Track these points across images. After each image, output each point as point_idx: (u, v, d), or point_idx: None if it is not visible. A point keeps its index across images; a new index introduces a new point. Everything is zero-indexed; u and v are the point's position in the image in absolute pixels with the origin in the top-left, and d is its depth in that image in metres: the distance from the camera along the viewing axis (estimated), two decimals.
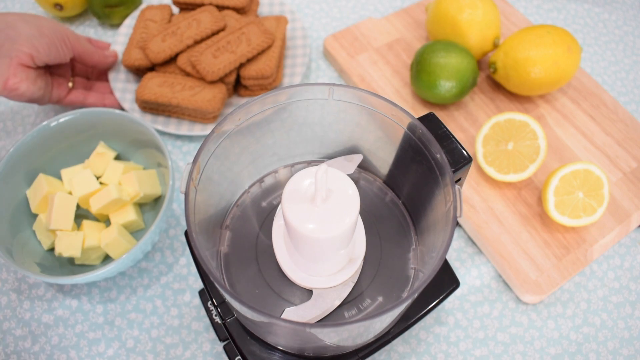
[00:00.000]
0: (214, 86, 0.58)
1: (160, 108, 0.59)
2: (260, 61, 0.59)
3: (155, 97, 0.57)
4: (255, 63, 0.59)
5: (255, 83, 0.59)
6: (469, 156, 0.37)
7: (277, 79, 0.61)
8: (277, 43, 0.60)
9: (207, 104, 0.57)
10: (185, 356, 0.47)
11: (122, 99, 0.60)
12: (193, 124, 0.59)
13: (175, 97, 0.57)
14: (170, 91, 0.58)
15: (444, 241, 0.32)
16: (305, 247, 0.34)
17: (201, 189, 0.35)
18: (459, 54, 0.56)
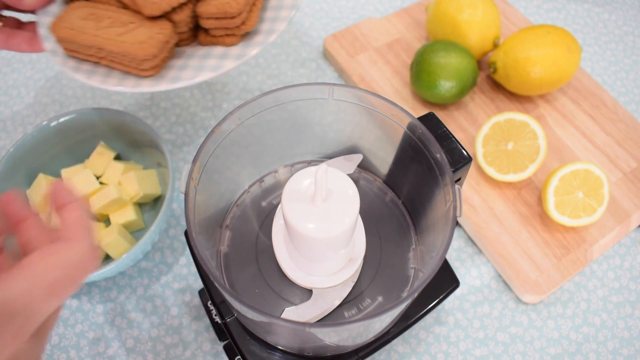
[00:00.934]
0: (154, 24, 0.43)
1: (83, 51, 0.43)
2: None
3: (71, 35, 0.42)
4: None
5: (217, 25, 0.43)
6: (468, 156, 0.37)
7: (250, 20, 0.44)
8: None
9: (138, 47, 0.41)
10: (185, 356, 0.47)
11: (46, 38, 0.45)
12: (125, 76, 0.43)
13: (98, 36, 0.42)
14: (94, 27, 0.42)
15: (443, 241, 0.32)
16: (305, 247, 0.34)
17: (201, 189, 0.35)
18: (459, 54, 0.56)
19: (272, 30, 0.45)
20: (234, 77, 0.64)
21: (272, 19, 0.46)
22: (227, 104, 0.62)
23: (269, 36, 0.44)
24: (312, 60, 0.67)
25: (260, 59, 0.66)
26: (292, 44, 0.68)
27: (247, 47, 0.43)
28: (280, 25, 0.45)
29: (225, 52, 0.44)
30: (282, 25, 0.45)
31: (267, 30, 0.45)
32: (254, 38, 0.44)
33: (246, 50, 0.43)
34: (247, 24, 0.44)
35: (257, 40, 0.44)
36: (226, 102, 0.63)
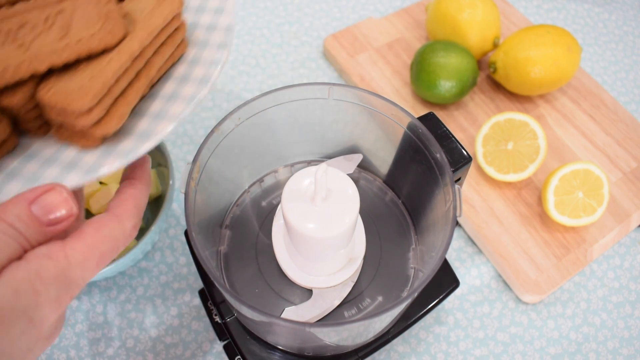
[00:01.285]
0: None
1: None
2: (83, 74, 0.29)
3: None
4: (70, 77, 0.29)
5: (59, 119, 0.29)
6: (468, 156, 0.37)
7: (110, 120, 0.29)
8: (131, 45, 0.30)
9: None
10: (185, 356, 0.47)
11: None
12: None
13: None
14: None
15: (443, 241, 0.32)
16: (305, 247, 0.34)
17: (201, 189, 0.35)
18: (459, 54, 0.56)
19: (148, 133, 0.30)
20: (233, 77, 0.64)
21: (156, 115, 0.31)
22: (227, 104, 0.62)
23: (141, 143, 0.29)
24: (312, 60, 0.67)
25: (260, 59, 0.66)
26: (292, 44, 0.68)
27: (106, 156, 0.29)
28: (165, 125, 0.30)
29: (75, 160, 0.30)
30: (168, 126, 0.30)
31: (142, 132, 0.30)
32: (122, 143, 0.30)
33: (103, 161, 0.29)
34: (104, 125, 0.29)
35: (124, 148, 0.29)
36: (226, 102, 0.63)
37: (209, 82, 0.32)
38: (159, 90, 0.33)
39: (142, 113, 0.31)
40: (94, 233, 0.28)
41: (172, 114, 0.31)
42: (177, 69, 0.34)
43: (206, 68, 0.33)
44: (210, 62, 0.33)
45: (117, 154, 0.29)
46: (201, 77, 0.32)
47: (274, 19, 0.70)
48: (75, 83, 0.29)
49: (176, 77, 0.33)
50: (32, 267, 0.25)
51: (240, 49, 0.67)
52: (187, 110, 0.31)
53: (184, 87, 0.32)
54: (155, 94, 0.32)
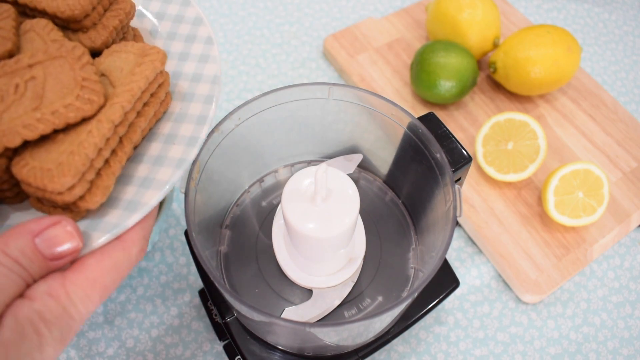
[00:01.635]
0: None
1: None
2: (61, 147, 0.27)
3: None
4: (47, 151, 0.27)
5: (38, 194, 0.27)
6: (468, 156, 0.37)
7: (95, 193, 0.27)
8: (112, 113, 0.28)
9: None
10: (185, 356, 0.47)
11: None
12: None
13: None
14: None
15: (443, 241, 0.32)
16: (305, 247, 0.34)
17: (201, 189, 0.35)
18: (459, 54, 0.56)
19: (135, 203, 0.28)
20: (233, 77, 0.64)
21: (143, 181, 0.29)
22: (227, 104, 0.62)
23: (128, 215, 0.28)
24: (312, 60, 0.67)
25: (260, 59, 0.66)
26: (292, 44, 0.68)
27: (91, 230, 0.28)
28: (152, 194, 0.28)
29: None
30: (156, 194, 0.28)
31: (128, 202, 0.28)
32: (107, 215, 0.28)
33: (87, 237, 0.27)
34: (88, 200, 0.27)
35: (110, 221, 0.28)
36: (226, 102, 0.63)
37: (197, 142, 0.30)
38: (144, 151, 0.31)
39: (127, 178, 0.30)
40: (96, 265, 0.26)
41: (160, 180, 0.29)
42: (162, 125, 0.32)
43: (193, 126, 0.31)
44: (197, 119, 0.31)
45: (103, 228, 0.28)
46: (189, 136, 0.31)
47: (274, 19, 0.70)
48: (53, 159, 0.26)
49: (162, 135, 0.31)
50: (35, 308, 0.24)
51: (240, 49, 0.67)
52: (176, 175, 0.29)
53: (170, 148, 0.30)
54: (141, 156, 0.30)
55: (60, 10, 0.31)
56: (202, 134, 0.31)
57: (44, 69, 0.28)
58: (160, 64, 0.30)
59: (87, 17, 0.32)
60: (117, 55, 0.31)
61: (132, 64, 0.30)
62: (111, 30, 0.32)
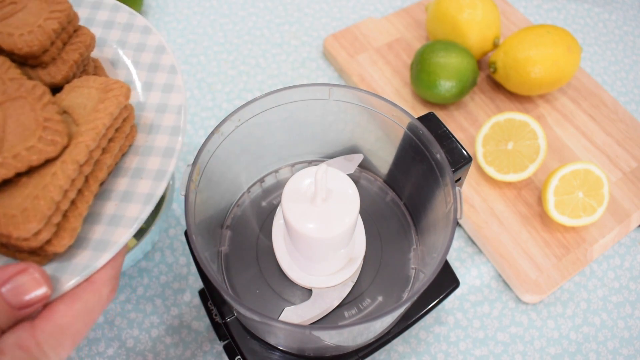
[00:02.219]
0: None
1: None
2: (25, 191, 0.26)
3: None
4: (10, 195, 0.26)
5: (3, 240, 0.26)
6: (468, 156, 0.37)
7: (62, 236, 0.27)
8: (76, 154, 0.27)
9: None
10: (185, 356, 0.47)
11: None
12: None
13: None
14: None
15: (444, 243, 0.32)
16: (305, 247, 0.34)
17: (201, 190, 0.35)
18: (459, 54, 0.56)
19: (105, 243, 0.28)
20: (233, 77, 0.64)
21: (111, 218, 0.29)
22: (227, 104, 0.62)
23: (98, 255, 0.28)
24: (312, 60, 0.67)
25: (260, 59, 0.66)
26: (292, 44, 0.68)
27: (60, 273, 0.27)
28: (122, 232, 0.28)
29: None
30: (125, 233, 0.28)
31: (98, 242, 0.28)
32: (76, 256, 0.28)
33: (56, 281, 0.27)
34: (56, 243, 0.26)
35: (79, 262, 0.27)
36: (226, 102, 0.63)
37: (166, 175, 0.29)
38: (111, 187, 0.30)
39: (95, 217, 0.29)
40: (67, 310, 0.25)
41: (130, 217, 0.28)
42: (128, 159, 0.31)
43: (160, 159, 0.30)
44: (164, 152, 0.30)
45: (72, 271, 0.27)
46: (156, 170, 0.30)
47: (274, 19, 0.70)
48: (17, 204, 0.26)
49: (129, 169, 0.30)
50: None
51: (240, 49, 0.67)
52: (146, 211, 0.28)
53: (138, 184, 0.30)
54: (108, 192, 0.30)
55: (17, 47, 0.29)
56: (170, 167, 0.30)
57: (4, 110, 0.27)
58: (125, 99, 0.29)
59: (46, 52, 0.31)
60: (79, 90, 0.30)
61: (95, 100, 0.29)
62: (71, 64, 0.31)
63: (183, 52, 0.66)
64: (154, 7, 0.70)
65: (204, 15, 0.70)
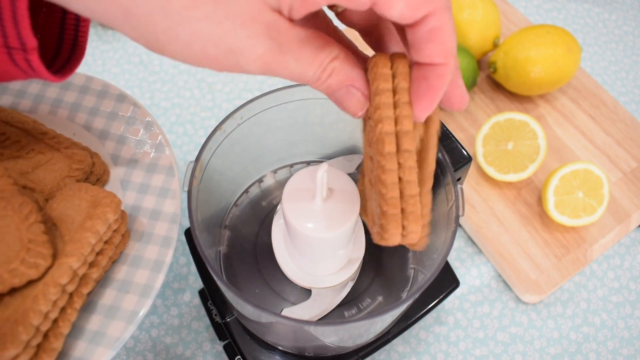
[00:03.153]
0: None
1: None
2: (5, 313, 0.26)
3: None
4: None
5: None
6: (468, 156, 0.37)
7: (42, 357, 0.26)
8: (59, 276, 0.27)
9: None
10: (185, 356, 0.47)
11: None
12: None
13: None
14: None
15: (445, 241, 0.32)
16: (305, 247, 0.34)
17: (202, 188, 0.35)
18: (459, 54, 0.56)
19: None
20: (234, 77, 0.64)
21: (94, 335, 0.28)
22: (227, 104, 0.62)
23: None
24: None
25: None
26: None
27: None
28: (102, 352, 0.27)
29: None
30: (106, 353, 0.27)
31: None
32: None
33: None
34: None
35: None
36: (226, 102, 0.63)
37: (151, 293, 0.29)
38: (96, 299, 0.29)
39: (77, 331, 0.28)
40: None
41: (111, 336, 0.28)
42: (117, 268, 0.30)
43: (148, 272, 0.30)
44: (152, 266, 0.30)
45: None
46: (143, 285, 0.29)
47: None
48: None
49: (116, 281, 0.30)
50: None
51: None
52: (128, 331, 0.28)
53: (124, 299, 0.29)
54: (93, 305, 0.29)
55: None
56: (157, 283, 0.29)
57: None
58: (113, 214, 0.29)
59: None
60: (71, 201, 0.30)
61: (84, 215, 0.29)
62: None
63: None
64: None
65: None
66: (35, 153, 0.32)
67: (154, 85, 0.63)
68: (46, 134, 0.33)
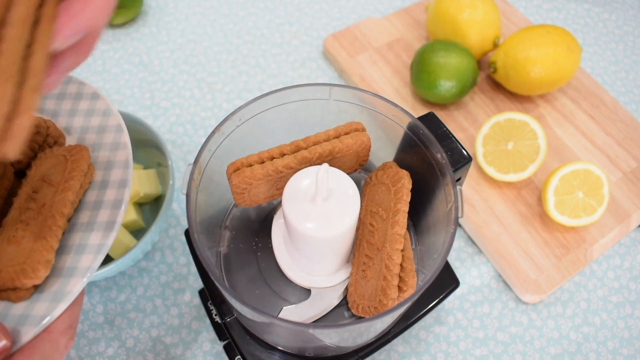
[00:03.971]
0: None
1: None
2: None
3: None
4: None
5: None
6: (468, 156, 0.37)
7: (37, 270, 0.30)
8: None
9: None
10: (185, 356, 0.47)
11: None
12: None
13: None
14: None
15: (445, 241, 0.32)
16: (304, 247, 0.34)
17: (202, 189, 0.35)
18: (459, 54, 0.56)
19: (60, 295, 0.30)
20: (234, 77, 0.64)
21: (67, 270, 0.31)
22: (227, 104, 0.62)
23: (54, 307, 0.29)
24: (312, 60, 0.67)
25: (260, 59, 0.66)
26: (292, 44, 0.68)
27: (21, 325, 0.29)
28: (75, 283, 0.30)
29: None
30: (78, 284, 0.30)
31: (54, 294, 0.30)
32: (34, 308, 0.30)
33: (17, 331, 0.29)
34: (33, 275, 0.29)
35: (36, 315, 0.29)
36: (226, 102, 0.63)
37: (115, 227, 0.32)
38: (65, 242, 0.33)
39: (53, 269, 0.31)
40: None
41: (82, 267, 0.31)
42: (81, 215, 0.34)
43: (109, 211, 0.33)
44: (112, 204, 0.33)
45: (31, 322, 0.29)
46: (105, 222, 0.33)
47: (274, 19, 0.70)
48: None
49: (82, 224, 0.33)
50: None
51: (240, 49, 0.67)
52: (97, 261, 0.31)
53: (90, 235, 0.32)
54: (62, 246, 0.32)
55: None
56: (119, 217, 0.33)
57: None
58: (88, 159, 0.34)
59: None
60: (48, 161, 0.35)
61: (63, 166, 0.34)
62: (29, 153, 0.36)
63: (183, 52, 0.66)
64: (154, 7, 0.70)
65: (204, 15, 0.70)
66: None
67: (154, 85, 0.63)
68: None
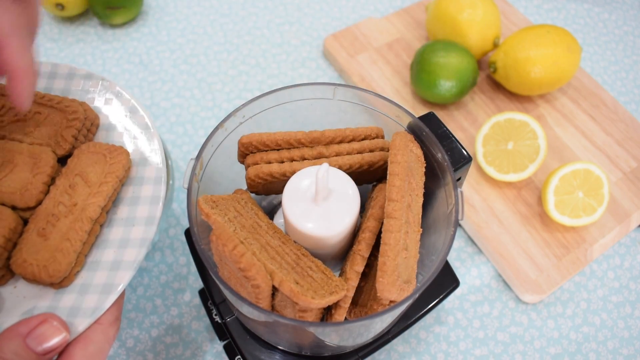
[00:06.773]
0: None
1: None
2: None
3: None
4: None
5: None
6: (468, 156, 0.37)
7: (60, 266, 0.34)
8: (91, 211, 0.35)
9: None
10: (185, 356, 0.47)
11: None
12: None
13: None
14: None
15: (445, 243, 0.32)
16: (305, 246, 0.34)
17: (202, 188, 0.35)
18: (459, 54, 0.56)
19: (109, 287, 0.33)
20: (234, 77, 0.64)
21: (113, 264, 0.34)
22: (227, 104, 0.62)
23: (105, 299, 0.32)
24: (312, 60, 0.67)
25: (260, 58, 0.66)
26: (292, 43, 0.68)
27: (74, 317, 0.32)
28: (122, 276, 0.33)
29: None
30: (125, 277, 0.33)
31: (103, 287, 0.33)
32: (85, 300, 0.32)
33: (71, 323, 0.31)
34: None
35: (88, 307, 0.32)
36: (226, 102, 0.63)
37: (155, 222, 0.35)
38: (107, 237, 0.35)
39: (97, 264, 0.34)
40: (82, 354, 0.29)
41: (128, 260, 0.34)
42: (120, 209, 0.36)
43: (148, 207, 0.36)
44: (150, 201, 0.36)
45: (84, 314, 0.31)
46: (145, 217, 0.35)
47: (274, 19, 0.70)
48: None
49: (122, 219, 0.36)
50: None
51: (240, 49, 0.67)
52: (141, 254, 0.34)
53: (131, 230, 0.35)
54: (105, 242, 0.35)
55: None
56: (158, 212, 0.35)
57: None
58: (127, 162, 0.37)
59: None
60: (87, 156, 0.37)
61: (101, 167, 0.36)
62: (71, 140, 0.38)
63: (183, 52, 0.66)
64: (154, 7, 0.70)
65: (204, 15, 0.70)
66: (32, 114, 0.38)
67: (154, 85, 0.63)
68: (35, 95, 0.39)
